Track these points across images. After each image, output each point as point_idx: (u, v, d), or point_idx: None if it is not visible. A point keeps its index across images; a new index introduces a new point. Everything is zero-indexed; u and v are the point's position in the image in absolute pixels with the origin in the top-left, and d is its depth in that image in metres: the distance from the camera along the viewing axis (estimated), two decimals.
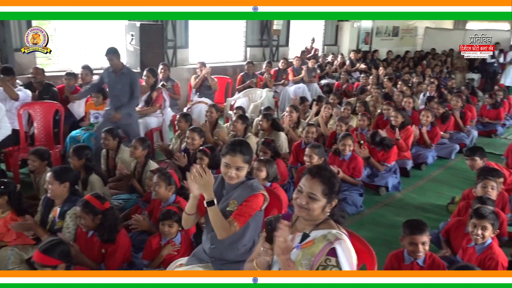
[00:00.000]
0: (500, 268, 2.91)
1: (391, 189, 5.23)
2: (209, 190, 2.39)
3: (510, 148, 5.36)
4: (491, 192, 3.59)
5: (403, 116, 5.97)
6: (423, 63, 12.73)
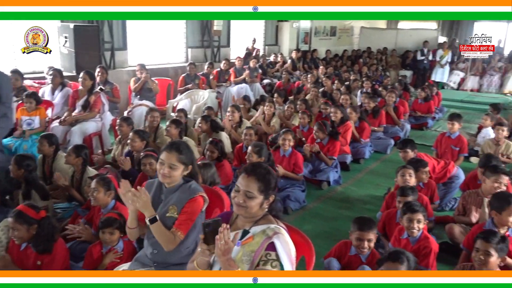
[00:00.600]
0: (433, 255, 3.12)
1: (332, 183, 5.42)
2: (149, 208, 2.38)
3: (438, 139, 5.74)
4: (409, 179, 3.82)
5: (342, 112, 6.21)
6: (360, 61, 13.29)
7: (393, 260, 2.32)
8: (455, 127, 5.53)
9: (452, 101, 10.79)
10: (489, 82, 12.41)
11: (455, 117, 5.60)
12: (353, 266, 3.05)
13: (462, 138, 5.59)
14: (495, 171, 3.67)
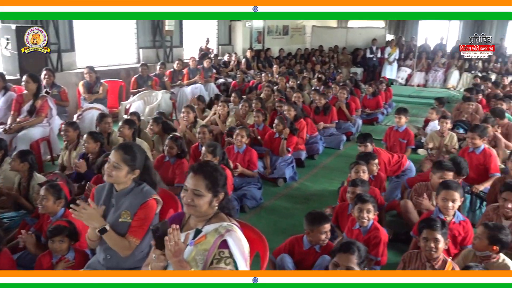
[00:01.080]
0: (382, 244, 3.24)
1: (288, 180, 5.52)
2: (97, 219, 2.36)
3: (387, 133, 5.97)
4: (363, 175, 3.96)
5: (295, 109, 6.32)
6: (313, 59, 13.56)
7: (344, 250, 2.40)
8: (402, 121, 5.77)
9: (401, 96, 11.24)
10: (434, 77, 13.03)
11: (401, 111, 5.84)
12: (309, 259, 3.11)
13: (409, 131, 5.84)
14: (440, 168, 3.86)
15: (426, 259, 2.80)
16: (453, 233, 3.25)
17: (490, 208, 3.55)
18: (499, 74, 11.92)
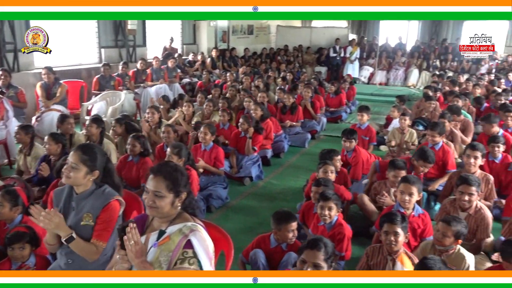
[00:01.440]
0: (346, 240, 3.31)
1: (255, 179, 5.55)
2: (63, 228, 2.30)
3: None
4: (331, 175, 4.03)
5: (262, 109, 6.35)
6: (278, 59, 13.66)
7: (311, 247, 2.41)
8: (364, 119, 5.92)
9: (363, 95, 11.52)
10: (395, 76, 13.42)
11: (364, 109, 5.99)
12: (276, 258, 3.14)
13: (371, 129, 5.99)
14: (393, 167, 4.00)
15: (387, 253, 2.88)
16: (412, 226, 3.37)
17: (447, 201, 3.70)
18: (456, 73, 12.41)
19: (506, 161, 4.71)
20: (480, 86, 8.75)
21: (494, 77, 10.10)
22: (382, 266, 2.90)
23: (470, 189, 3.43)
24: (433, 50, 13.90)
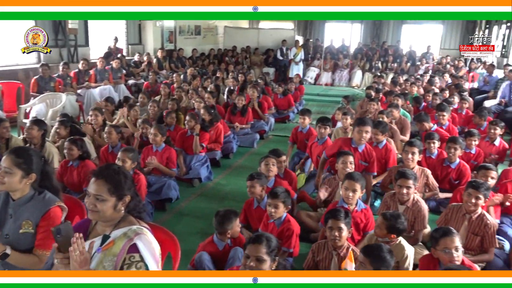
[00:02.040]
0: (295, 236, 3.39)
1: (204, 180, 5.53)
2: None
3: (293, 133, 6.18)
4: (272, 168, 4.13)
5: (210, 114, 6.29)
6: (226, 60, 13.67)
7: (253, 241, 2.45)
8: (306, 122, 5.99)
9: (310, 95, 11.81)
10: (340, 77, 13.85)
11: (305, 112, 6.09)
12: (225, 258, 3.15)
13: (312, 131, 6.12)
14: (341, 155, 4.18)
15: (332, 248, 2.99)
16: (356, 220, 3.51)
17: (387, 195, 3.89)
18: (396, 73, 13.02)
19: (441, 156, 5.01)
20: (417, 86, 9.24)
21: (431, 77, 10.70)
22: (328, 262, 3.00)
23: (408, 183, 3.63)
24: (375, 52, 14.50)
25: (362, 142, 4.49)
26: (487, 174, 4.00)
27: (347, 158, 4.09)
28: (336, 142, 4.71)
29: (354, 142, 4.54)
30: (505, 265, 3.37)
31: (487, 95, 9.46)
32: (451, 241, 2.70)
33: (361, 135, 4.45)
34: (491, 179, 3.98)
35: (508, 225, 3.96)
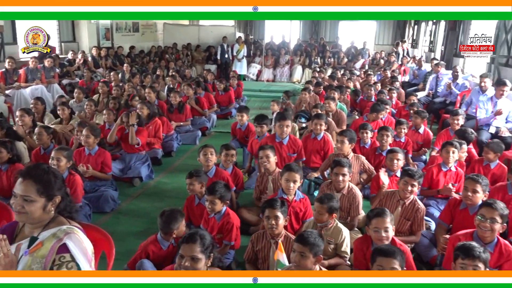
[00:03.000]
0: (235, 229, 3.41)
1: (145, 179, 5.43)
2: None
3: (233, 128, 6.26)
4: (211, 157, 4.17)
5: (148, 108, 6.20)
6: (166, 57, 13.45)
7: (187, 241, 2.42)
8: (244, 119, 6.05)
9: (252, 91, 11.93)
10: (281, 73, 14.10)
11: (243, 109, 6.16)
12: (170, 257, 3.12)
13: (251, 127, 6.20)
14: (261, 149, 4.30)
15: (270, 237, 3.06)
16: (295, 210, 3.62)
17: (324, 184, 4.04)
18: (334, 68, 13.48)
19: (374, 146, 5.28)
20: (353, 80, 9.63)
21: (366, 72, 11.19)
22: (267, 250, 3.08)
23: (343, 170, 3.80)
24: (313, 48, 14.89)
25: (284, 136, 4.74)
26: (393, 157, 4.30)
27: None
28: (262, 140, 4.91)
29: (278, 137, 4.74)
30: (431, 243, 3.63)
31: (417, 88, 10.06)
32: (382, 221, 2.87)
33: (282, 129, 4.72)
34: (396, 161, 4.27)
35: (434, 207, 4.25)
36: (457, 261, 2.47)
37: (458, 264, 2.47)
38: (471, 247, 2.45)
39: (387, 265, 2.40)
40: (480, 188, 3.45)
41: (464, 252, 2.45)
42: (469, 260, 2.41)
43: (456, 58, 10.83)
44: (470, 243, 2.52)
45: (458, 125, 5.55)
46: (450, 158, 4.32)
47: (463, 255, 2.44)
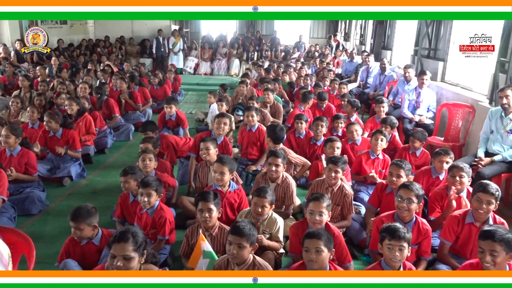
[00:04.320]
0: (168, 223, 3.33)
1: (75, 178, 5.19)
2: None
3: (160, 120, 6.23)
4: (149, 164, 4.05)
5: (77, 103, 5.93)
6: (98, 50, 12.89)
7: (118, 240, 2.33)
8: (172, 110, 6.16)
9: (190, 85, 11.81)
10: (218, 66, 14.05)
11: (170, 101, 6.23)
12: (90, 255, 3.00)
13: (180, 117, 6.22)
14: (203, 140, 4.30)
15: (204, 229, 3.06)
16: (229, 201, 3.64)
17: (259, 175, 4.09)
18: (271, 61, 13.65)
19: (309, 136, 5.43)
20: (288, 73, 9.82)
21: (302, 64, 11.44)
22: None
23: (277, 161, 3.87)
24: (250, 41, 14.97)
25: (220, 132, 4.83)
26: (333, 145, 4.48)
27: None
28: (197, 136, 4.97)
29: (214, 134, 4.83)
30: (361, 227, 3.81)
31: (349, 79, 10.45)
32: (318, 205, 2.99)
33: (220, 125, 4.84)
34: (336, 149, 4.46)
35: (364, 192, 4.46)
36: (384, 242, 2.60)
37: (385, 245, 2.59)
38: (396, 229, 2.58)
39: (311, 245, 2.49)
40: (403, 173, 3.68)
41: (390, 233, 2.57)
42: (395, 241, 2.54)
43: (384, 50, 11.37)
44: (395, 224, 2.66)
45: (383, 112, 5.85)
46: (378, 145, 4.55)
47: (389, 236, 2.56)
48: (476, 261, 2.56)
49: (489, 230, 2.49)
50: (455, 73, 7.15)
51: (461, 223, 3.17)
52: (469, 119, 5.66)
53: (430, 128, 6.13)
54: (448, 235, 3.19)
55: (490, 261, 2.42)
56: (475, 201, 3.11)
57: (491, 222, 3.12)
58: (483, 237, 2.49)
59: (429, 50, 8.06)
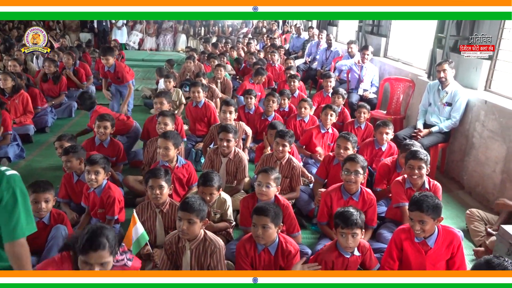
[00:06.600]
0: (117, 202, 3.26)
1: (14, 159, 4.93)
2: None
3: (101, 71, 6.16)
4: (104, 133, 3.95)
5: (13, 79, 5.58)
6: (33, 24, 12.05)
7: (94, 249, 1.98)
8: (110, 61, 5.99)
9: (135, 61, 11.39)
10: (164, 41, 13.66)
11: (105, 51, 6.00)
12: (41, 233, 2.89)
13: (118, 67, 6.14)
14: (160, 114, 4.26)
15: (155, 206, 3.02)
16: (178, 176, 3.60)
17: (211, 150, 4.08)
18: (219, 37, 13.46)
19: (258, 111, 5.46)
20: (236, 49, 9.75)
21: (249, 40, 11.38)
22: (153, 220, 3.04)
23: (228, 136, 3.87)
24: None
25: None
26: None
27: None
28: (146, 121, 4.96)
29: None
30: (310, 198, 3.93)
31: (296, 55, 10.55)
32: (265, 177, 3.06)
33: (157, 106, 4.90)
34: (283, 125, 4.56)
35: (312, 164, 4.59)
36: (337, 229, 2.63)
37: (338, 231, 2.62)
38: (349, 216, 2.58)
39: (258, 222, 2.54)
40: (350, 145, 3.81)
41: (343, 221, 2.58)
42: (347, 229, 2.57)
43: (330, 26, 11.53)
44: (348, 210, 2.65)
45: (330, 86, 6.00)
46: (328, 120, 4.68)
47: (343, 224, 2.58)
48: (407, 226, 2.73)
49: (417, 201, 2.59)
50: (396, 48, 7.42)
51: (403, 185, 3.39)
52: (409, 92, 5.93)
53: (374, 102, 6.36)
54: (400, 198, 3.37)
55: (419, 229, 2.60)
56: (408, 168, 3.33)
57: (427, 186, 3.34)
58: (412, 208, 2.61)
59: (372, 27, 8.28)
